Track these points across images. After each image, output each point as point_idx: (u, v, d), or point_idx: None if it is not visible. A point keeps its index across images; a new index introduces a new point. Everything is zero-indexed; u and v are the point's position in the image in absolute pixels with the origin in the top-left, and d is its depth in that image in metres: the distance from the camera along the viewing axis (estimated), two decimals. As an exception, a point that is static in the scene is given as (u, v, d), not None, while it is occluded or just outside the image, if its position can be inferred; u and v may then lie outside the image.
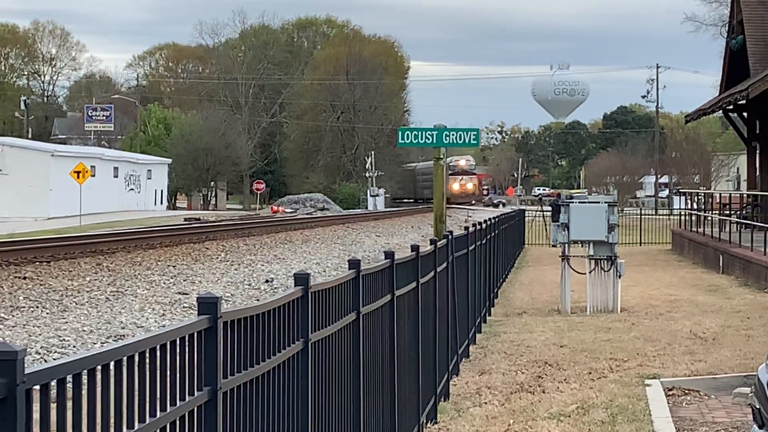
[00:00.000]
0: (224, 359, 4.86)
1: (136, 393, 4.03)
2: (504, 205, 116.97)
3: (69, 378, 3.46)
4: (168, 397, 4.30)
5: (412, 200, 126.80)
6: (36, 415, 3.26)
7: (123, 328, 19.76)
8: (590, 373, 15.01)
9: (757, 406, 9.78)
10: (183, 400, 4.44)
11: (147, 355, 4.11)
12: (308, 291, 6.36)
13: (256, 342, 5.39)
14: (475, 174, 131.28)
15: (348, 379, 7.69)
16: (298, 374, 6.25)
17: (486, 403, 13.12)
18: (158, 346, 4.21)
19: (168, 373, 4.31)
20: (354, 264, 7.99)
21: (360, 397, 7.98)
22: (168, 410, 4.28)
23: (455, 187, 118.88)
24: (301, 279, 6.34)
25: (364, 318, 8.15)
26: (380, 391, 8.98)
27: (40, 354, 16.72)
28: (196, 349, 4.59)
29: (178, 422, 4.38)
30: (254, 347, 5.36)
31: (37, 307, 21.83)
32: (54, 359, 11.32)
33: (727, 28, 47.85)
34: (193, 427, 4.56)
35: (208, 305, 4.70)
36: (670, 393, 13.49)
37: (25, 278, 26.04)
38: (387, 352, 9.35)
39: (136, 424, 4.00)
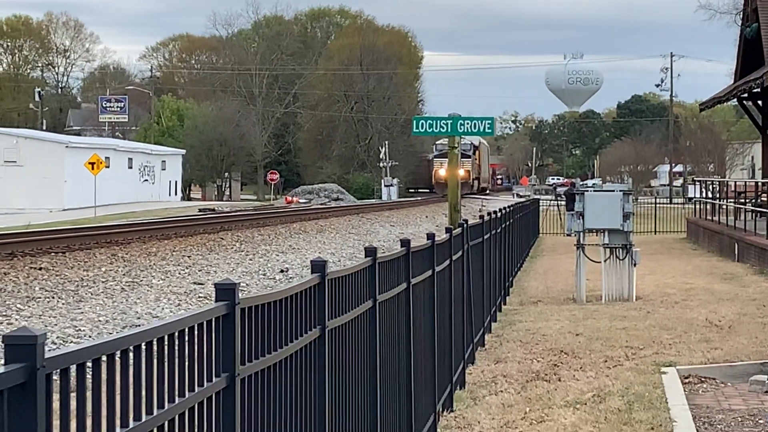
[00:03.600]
0: (242, 346, 4.86)
1: (155, 378, 4.04)
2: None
3: (89, 363, 3.46)
4: (186, 383, 4.30)
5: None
6: (55, 405, 3.27)
7: (138, 318, 19.81)
8: (606, 361, 14.99)
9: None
10: (201, 386, 4.44)
11: (166, 340, 4.11)
12: (325, 278, 6.35)
13: (274, 329, 5.40)
14: (470, 157, 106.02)
15: (364, 367, 7.69)
16: (315, 361, 6.25)
17: (502, 391, 13.12)
18: (177, 332, 4.21)
19: (186, 359, 4.32)
20: (370, 252, 7.99)
21: (377, 385, 7.98)
22: (186, 396, 4.28)
23: (441, 173, 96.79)
24: (318, 266, 6.33)
25: (381, 306, 8.15)
26: (396, 379, 8.98)
27: (56, 344, 16.77)
28: (214, 335, 4.60)
29: (196, 408, 4.39)
30: (271, 334, 5.36)
31: (53, 297, 21.89)
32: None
33: (741, 16, 47.65)
34: (211, 412, 4.57)
35: (225, 291, 4.70)
36: (686, 381, 13.47)
37: (40, 269, 26.10)
38: (403, 340, 9.35)
39: (155, 409, 4.01)
